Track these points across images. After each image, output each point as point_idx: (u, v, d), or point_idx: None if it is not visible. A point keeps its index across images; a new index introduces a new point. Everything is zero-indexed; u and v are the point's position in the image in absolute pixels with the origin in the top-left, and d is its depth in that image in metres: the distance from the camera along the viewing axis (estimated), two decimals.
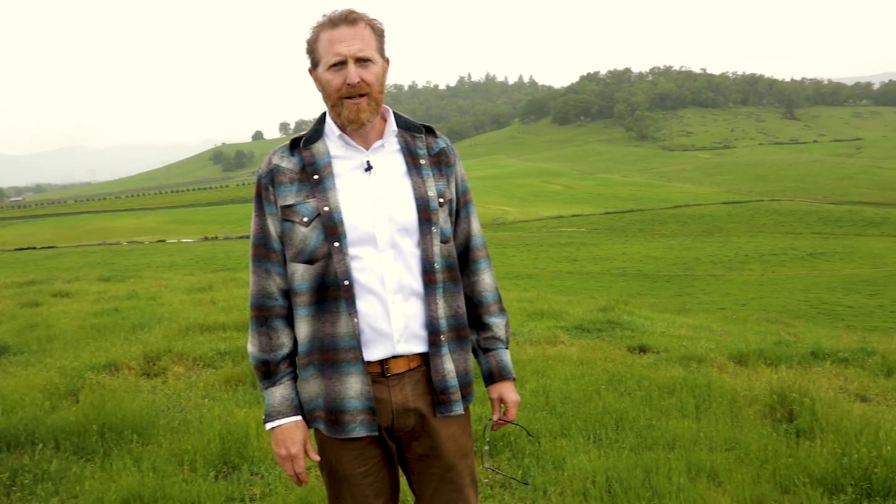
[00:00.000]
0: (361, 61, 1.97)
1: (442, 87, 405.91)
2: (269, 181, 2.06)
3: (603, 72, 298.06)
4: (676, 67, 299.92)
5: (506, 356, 2.24)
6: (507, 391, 2.22)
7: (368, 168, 2.05)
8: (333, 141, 2.07)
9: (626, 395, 5.29)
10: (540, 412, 4.92)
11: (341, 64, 1.97)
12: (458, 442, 2.13)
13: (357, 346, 1.99)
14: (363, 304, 2.00)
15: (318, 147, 2.06)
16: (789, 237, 56.72)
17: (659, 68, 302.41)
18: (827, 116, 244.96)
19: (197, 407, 5.26)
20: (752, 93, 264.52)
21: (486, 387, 2.24)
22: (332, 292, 1.99)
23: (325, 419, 2.03)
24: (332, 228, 1.98)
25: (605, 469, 3.84)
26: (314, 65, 2.04)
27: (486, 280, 2.23)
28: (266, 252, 2.08)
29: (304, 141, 2.07)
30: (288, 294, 2.08)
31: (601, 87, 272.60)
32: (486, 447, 2.48)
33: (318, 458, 2.11)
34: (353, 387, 1.99)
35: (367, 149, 2.07)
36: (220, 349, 7.12)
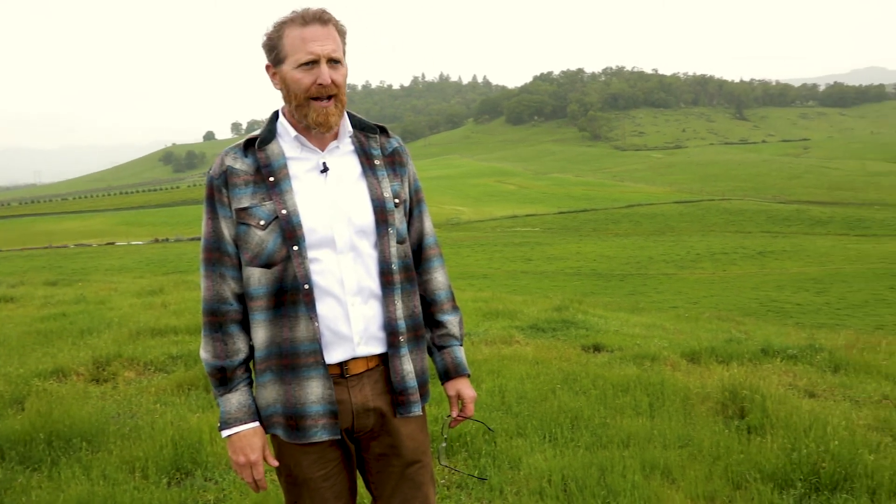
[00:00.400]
0: (332, 62, 1.96)
1: (396, 86, 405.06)
2: (223, 183, 2.00)
3: (556, 72, 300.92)
4: (629, 68, 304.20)
5: (460, 353, 2.25)
6: (464, 387, 2.23)
7: (324, 170, 2.04)
8: (288, 142, 2.04)
9: (582, 394, 5.33)
10: (496, 412, 4.94)
11: (313, 63, 1.94)
12: (417, 440, 2.13)
13: (318, 350, 1.97)
14: (323, 308, 1.98)
15: (272, 148, 2.02)
16: (739, 236, 57.92)
17: (611, 68, 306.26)
18: (775, 117, 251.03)
19: (148, 412, 5.15)
20: (702, 93, 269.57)
21: (443, 384, 2.25)
22: (291, 296, 1.97)
23: (285, 425, 2.01)
24: (290, 232, 1.95)
25: (561, 468, 3.86)
26: (277, 61, 2.00)
27: (439, 278, 2.24)
28: (220, 256, 2.02)
29: (258, 142, 2.03)
30: (243, 298, 2.04)
31: (554, 87, 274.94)
32: (444, 444, 2.48)
33: (276, 463, 2.09)
34: (315, 391, 1.98)
35: (323, 150, 2.05)
36: (172, 353, 6.99)
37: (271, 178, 1.99)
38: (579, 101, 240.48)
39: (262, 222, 1.97)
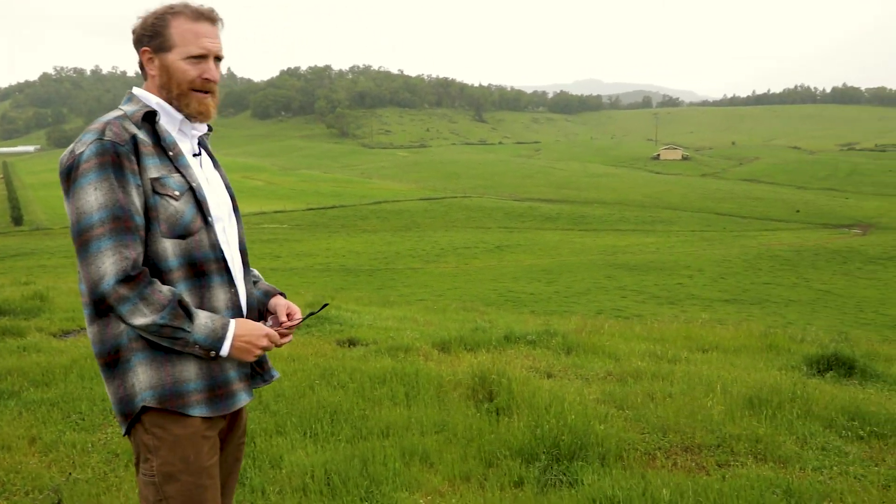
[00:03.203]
0: (216, 59, 2.08)
1: (130, 73, 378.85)
2: (132, 150, 1.93)
3: (304, 67, 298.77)
4: (375, 67, 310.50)
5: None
6: (285, 300, 2.37)
7: (198, 154, 2.14)
8: (169, 122, 2.07)
9: (340, 388, 5.37)
10: (252, 412, 4.82)
11: (201, 58, 2.03)
12: (246, 417, 2.33)
13: (236, 316, 2.07)
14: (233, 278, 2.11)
15: (162, 125, 2.05)
16: (480, 231, 61.41)
17: (359, 67, 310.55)
18: (510, 120, 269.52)
19: None
20: (445, 95, 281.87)
21: (267, 302, 2.34)
22: (206, 266, 2.03)
23: (208, 398, 2.00)
24: (204, 203, 2.04)
25: (323, 462, 3.87)
26: (160, 48, 2.03)
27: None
28: (131, 224, 1.90)
29: (155, 116, 2.03)
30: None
31: (302, 82, 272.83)
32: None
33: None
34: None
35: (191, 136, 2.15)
36: None
37: (171, 153, 2.02)
38: (327, 97, 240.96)
39: (176, 192, 1.98)
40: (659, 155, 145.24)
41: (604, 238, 57.09)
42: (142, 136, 1.97)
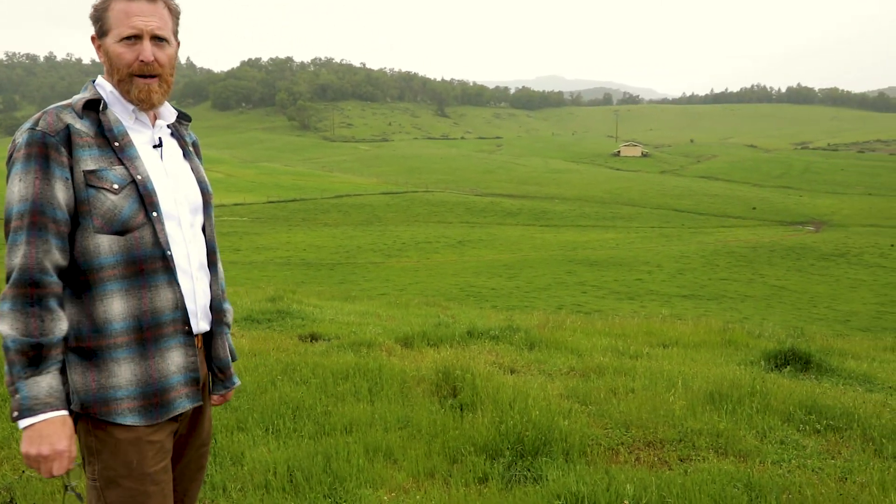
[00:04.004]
0: (157, 39, 1.93)
1: (86, 61, 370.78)
2: (62, 141, 1.81)
3: (265, 58, 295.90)
4: (338, 60, 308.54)
5: (231, 340, 2.29)
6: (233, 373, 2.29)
7: (158, 145, 2.01)
8: (121, 112, 1.97)
9: (302, 384, 5.31)
10: (213, 408, 4.74)
11: (135, 38, 1.90)
12: (211, 422, 2.23)
13: (179, 319, 1.95)
14: (180, 278, 1.96)
15: (110, 114, 1.93)
16: (441, 226, 61.41)
17: (321, 59, 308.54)
18: (473, 115, 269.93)
19: None
20: (407, 89, 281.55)
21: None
22: (150, 264, 1.90)
23: (142, 406, 1.88)
24: (148, 197, 1.90)
25: (286, 459, 3.82)
26: (101, 33, 1.93)
27: (221, 268, 2.24)
28: (47, 221, 1.78)
29: (101, 106, 1.91)
30: (63, 272, 1.85)
31: (263, 73, 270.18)
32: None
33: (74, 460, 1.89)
34: (176, 361, 1.95)
35: (153, 126, 2.03)
36: None
37: (116, 143, 1.89)
38: (288, 89, 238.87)
39: (115, 186, 1.85)
40: (619, 152, 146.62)
41: (564, 234, 57.48)
42: (79, 126, 1.85)
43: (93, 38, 1.97)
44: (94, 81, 2.00)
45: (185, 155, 2.11)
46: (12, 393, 1.77)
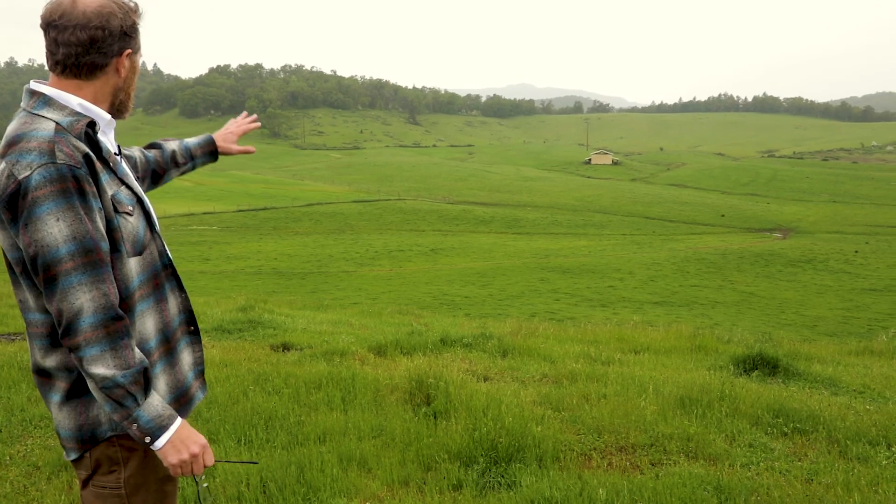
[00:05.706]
0: None
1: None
2: (88, 172, 1.75)
3: (234, 65, 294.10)
4: (308, 67, 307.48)
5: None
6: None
7: (119, 153, 2.00)
8: (104, 127, 1.93)
9: (275, 394, 5.29)
10: None
11: None
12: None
13: (185, 320, 2.04)
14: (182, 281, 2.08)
15: (100, 133, 1.89)
16: (414, 234, 61.38)
17: (291, 66, 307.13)
18: (444, 123, 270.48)
19: None
20: (379, 97, 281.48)
21: (215, 139, 2.64)
22: (161, 277, 1.97)
23: (176, 409, 1.96)
24: (148, 214, 1.95)
25: (259, 470, 3.80)
26: (137, 48, 1.93)
27: None
28: (103, 256, 1.75)
29: (95, 126, 1.85)
30: None
31: (232, 80, 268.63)
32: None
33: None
34: (188, 359, 2.05)
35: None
36: None
37: (111, 163, 1.87)
38: (258, 97, 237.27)
39: (129, 208, 1.86)
40: (590, 159, 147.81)
41: (537, 241, 57.75)
42: (89, 151, 1.78)
43: (128, 54, 1.89)
44: (48, 94, 1.84)
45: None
46: (129, 424, 1.78)
